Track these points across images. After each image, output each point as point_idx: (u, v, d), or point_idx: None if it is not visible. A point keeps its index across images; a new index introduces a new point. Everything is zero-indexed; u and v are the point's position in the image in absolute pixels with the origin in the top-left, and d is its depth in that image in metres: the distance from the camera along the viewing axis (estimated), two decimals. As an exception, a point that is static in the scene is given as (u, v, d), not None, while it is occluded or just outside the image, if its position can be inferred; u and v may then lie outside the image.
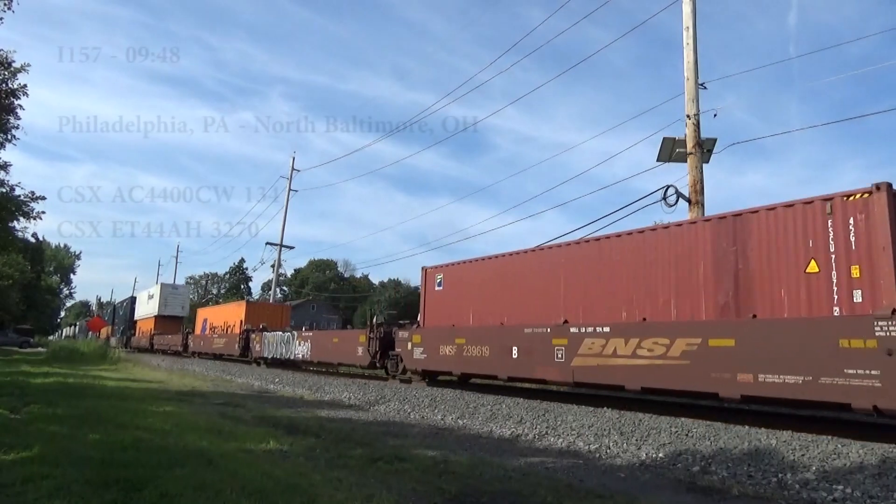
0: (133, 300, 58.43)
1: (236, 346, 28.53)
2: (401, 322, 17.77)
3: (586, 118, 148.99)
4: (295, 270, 75.64)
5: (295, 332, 23.49)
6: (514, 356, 12.38)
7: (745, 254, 9.04)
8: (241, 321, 29.46)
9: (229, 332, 31.14)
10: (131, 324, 55.43)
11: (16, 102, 20.17)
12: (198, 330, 37.23)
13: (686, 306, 9.78)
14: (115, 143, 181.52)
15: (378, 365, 17.98)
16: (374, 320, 19.53)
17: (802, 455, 6.78)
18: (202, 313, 38.52)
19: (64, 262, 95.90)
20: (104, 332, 65.51)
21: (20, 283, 46.16)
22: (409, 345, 16.01)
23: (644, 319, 10.26)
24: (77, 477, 4.78)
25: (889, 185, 7.78)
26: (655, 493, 5.88)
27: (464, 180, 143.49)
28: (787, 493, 5.93)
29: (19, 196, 21.86)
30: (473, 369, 13.69)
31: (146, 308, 51.24)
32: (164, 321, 47.00)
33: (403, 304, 75.23)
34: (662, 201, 15.39)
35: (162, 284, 49.74)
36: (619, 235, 11.35)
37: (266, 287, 52.23)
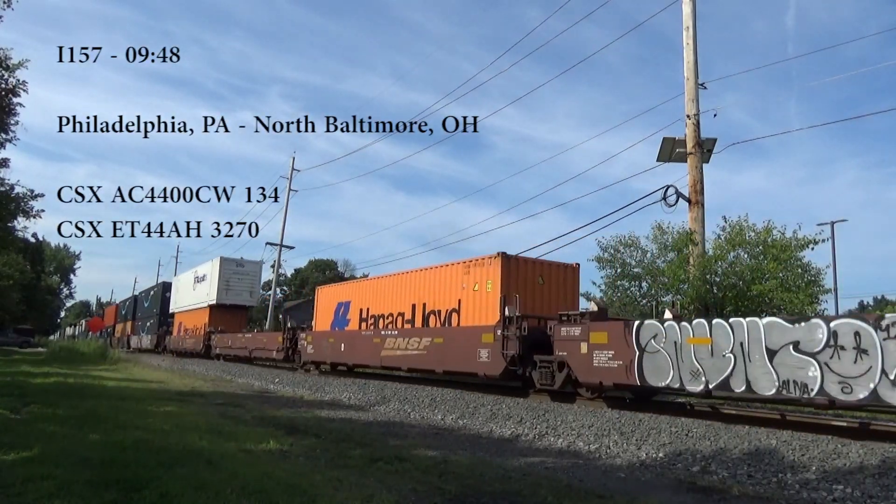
0: (165, 287, 44.26)
1: (485, 353, 13.08)
2: None
3: (586, 118, 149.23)
4: (295, 270, 75.27)
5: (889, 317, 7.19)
6: None
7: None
8: (504, 299, 12.84)
9: (448, 322, 15.13)
10: (165, 319, 42.00)
11: (15, 100, 20.09)
12: (320, 324, 22.00)
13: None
14: (115, 143, 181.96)
15: None
16: None
17: (802, 455, 6.78)
18: (329, 293, 22.33)
19: (64, 262, 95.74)
20: (120, 329, 57.51)
21: (20, 283, 45.78)
22: None
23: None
24: (77, 477, 4.79)
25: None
26: (655, 493, 5.88)
27: (463, 180, 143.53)
28: (787, 493, 5.93)
29: (18, 194, 21.81)
30: None
31: (192, 295, 36.75)
32: (223, 313, 32.74)
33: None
34: (662, 201, 15.42)
35: (222, 259, 33.92)
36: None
37: (266, 287, 51.57)
